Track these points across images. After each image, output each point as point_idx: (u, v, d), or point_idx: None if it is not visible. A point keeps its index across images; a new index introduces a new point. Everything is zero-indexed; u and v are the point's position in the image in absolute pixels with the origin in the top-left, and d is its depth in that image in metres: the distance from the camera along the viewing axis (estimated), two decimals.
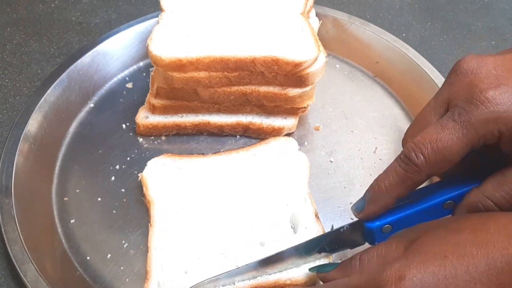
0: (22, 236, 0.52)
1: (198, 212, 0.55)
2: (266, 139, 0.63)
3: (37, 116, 0.62)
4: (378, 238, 0.46)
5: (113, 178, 0.60)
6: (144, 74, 0.72)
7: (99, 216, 0.57)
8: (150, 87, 0.64)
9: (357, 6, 0.85)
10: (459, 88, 0.44)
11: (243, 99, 0.62)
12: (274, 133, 0.64)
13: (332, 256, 0.51)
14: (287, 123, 0.64)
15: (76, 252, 0.54)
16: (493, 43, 0.80)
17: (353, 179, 0.61)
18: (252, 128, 0.64)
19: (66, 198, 0.59)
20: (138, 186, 0.58)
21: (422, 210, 0.45)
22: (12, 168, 0.57)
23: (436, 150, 0.42)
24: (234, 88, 0.61)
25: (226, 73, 0.60)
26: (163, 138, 0.65)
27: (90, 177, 0.60)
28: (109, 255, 0.54)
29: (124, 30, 0.72)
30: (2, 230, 0.53)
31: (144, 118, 0.64)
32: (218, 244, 0.52)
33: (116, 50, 0.71)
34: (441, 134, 0.42)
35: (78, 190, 0.59)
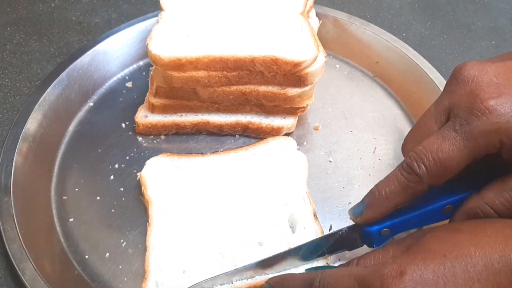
0: (20, 235, 0.52)
1: (196, 212, 0.55)
2: (265, 138, 0.63)
3: (36, 115, 0.62)
4: (377, 241, 0.46)
5: (112, 177, 0.60)
6: (144, 73, 0.72)
7: (98, 215, 0.57)
8: (150, 86, 0.64)
9: (357, 6, 0.85)
10: (460, 97, 0.44)
11: (242, 98, 0.62)
12: (273, 132, 0.64)
13: (330, 258, 0.50)
14: (286, 122, 0.64)
15: (75, 250, 0.54)
16: (493, 43, 0.80)
17: (352, 179, 0.61)
18: (251, 127, 0.64)
19: (65, 197, 0.59)
20: (137, 185, 0.59)
21: (421, 214, 0.45)
22: (11, 167, 0.57)
23: (438, 161, 0.42)
24: (233, 88, 0.61)
25: (225, 72, 0.60)
26: (162, 137, 0.65)
27: (89, 176, 0.61)
28: (107, 254, 0.54)
29: (124, 29, 0.72)
30: (1, 229, 0.53)
31: (144, 117, 0.64)
32: (216, 243, 0.52)
33: (116, 49, 0.71)
34: (442, 145, 0.42)
35: (77, 189, 0.59)
